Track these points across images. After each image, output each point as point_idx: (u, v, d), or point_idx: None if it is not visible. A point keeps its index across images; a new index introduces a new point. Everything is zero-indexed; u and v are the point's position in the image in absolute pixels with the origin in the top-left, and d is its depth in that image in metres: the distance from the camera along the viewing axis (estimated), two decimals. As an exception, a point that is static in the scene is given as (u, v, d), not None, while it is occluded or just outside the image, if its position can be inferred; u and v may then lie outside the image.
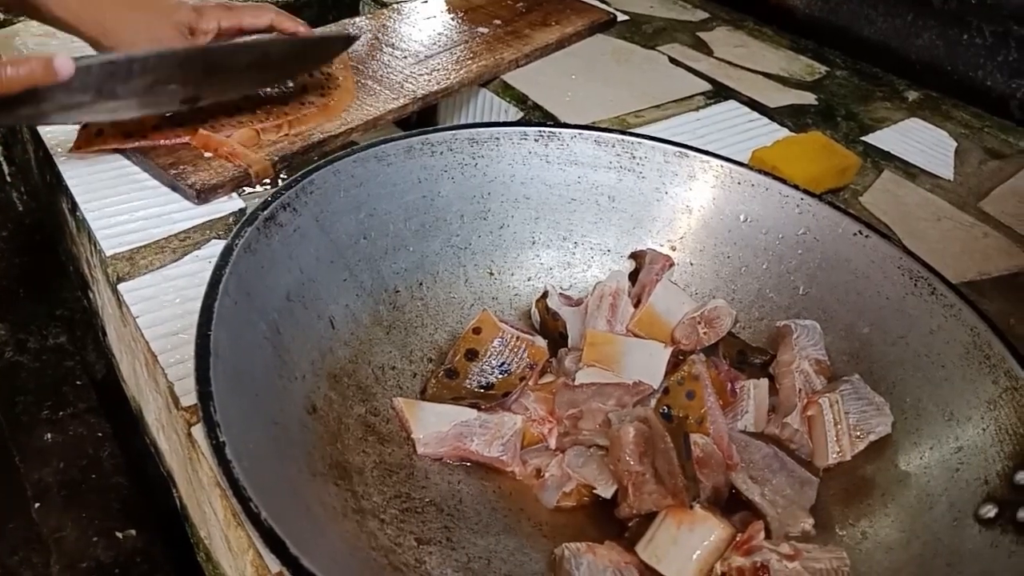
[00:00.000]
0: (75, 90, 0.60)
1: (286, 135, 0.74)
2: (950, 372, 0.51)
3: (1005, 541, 0.43)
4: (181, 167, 0.69)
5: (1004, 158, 0.88)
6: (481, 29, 0.99)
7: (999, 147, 0.90)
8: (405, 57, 0.90)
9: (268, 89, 0.75)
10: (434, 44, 0.94)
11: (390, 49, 0.92)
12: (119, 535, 0.82)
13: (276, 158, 0.71)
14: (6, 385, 0.93)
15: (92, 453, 0.90)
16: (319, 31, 0.94)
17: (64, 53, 0.58)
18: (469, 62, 0.91)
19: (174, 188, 0.69)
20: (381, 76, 0.85)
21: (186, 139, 0.71)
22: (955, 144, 0.90)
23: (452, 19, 1.01)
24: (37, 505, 0.84)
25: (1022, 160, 0.88)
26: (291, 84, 0.78)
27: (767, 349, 0.58)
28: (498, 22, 1.01)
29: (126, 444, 0.90)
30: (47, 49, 0.88)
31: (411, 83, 0.85)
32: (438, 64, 0.89)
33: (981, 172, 0.86)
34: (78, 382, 0.98)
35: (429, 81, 0.86)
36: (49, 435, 0.91)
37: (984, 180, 0.84)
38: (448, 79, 0.87)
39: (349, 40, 0.79)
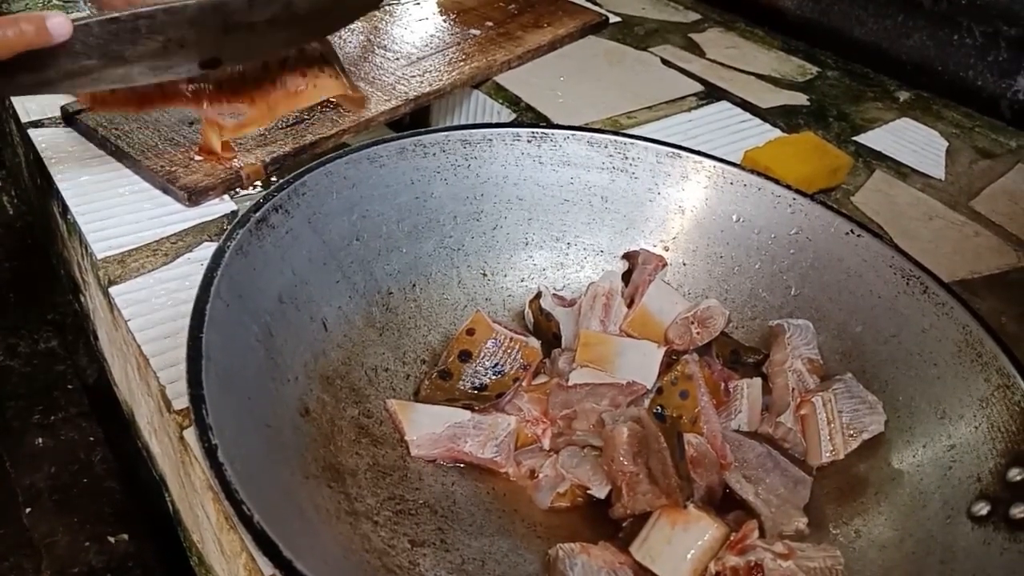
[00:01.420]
0: (78, 54, 0.55)
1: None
2: (942, 370, 0.51)
3: (998, 538, 0.43)
4: (172, 169, 0.69)
5: (995, 157, 0.89)
6: (473, 31, 0.99)
7: (990, 147, 0.91)
8: (397, 59, 0.90)
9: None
10: (426, 46, 0.94)
11: (382, 51, 0.91)
12: (111, 540, 0.82)
13: (267, 159, 0.71)
14: (-3, 390, 0.93)
15: (84, 457, 0.89)
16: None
17: (60, 12, 0.52)
18: (461, 64, 0.91)
19: (165, 191, 0.68)
20: (373, 78, 0.85)
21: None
22: (946, 144, 0.90)
23: (444, 21, 1.01)
24: (28, 510, 0.84)
25: (1012, 159, 0.89)
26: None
27: (760, 348, 0.58)
28: (490, 24, 1.01)
29: (118, 448, 0.90)
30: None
31: (403, 84, 0.85)
32: (430, 66, 0.89)
33: (972, 171, 0.86)
34: (69, 386, 0.98)
35: (421, 83, 0.86)
36: (40, 440, 0.91)
37: (975, 179, 0.85)
38: (440, 80, 0.87)
39: None
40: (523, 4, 1.07)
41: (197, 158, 0.70)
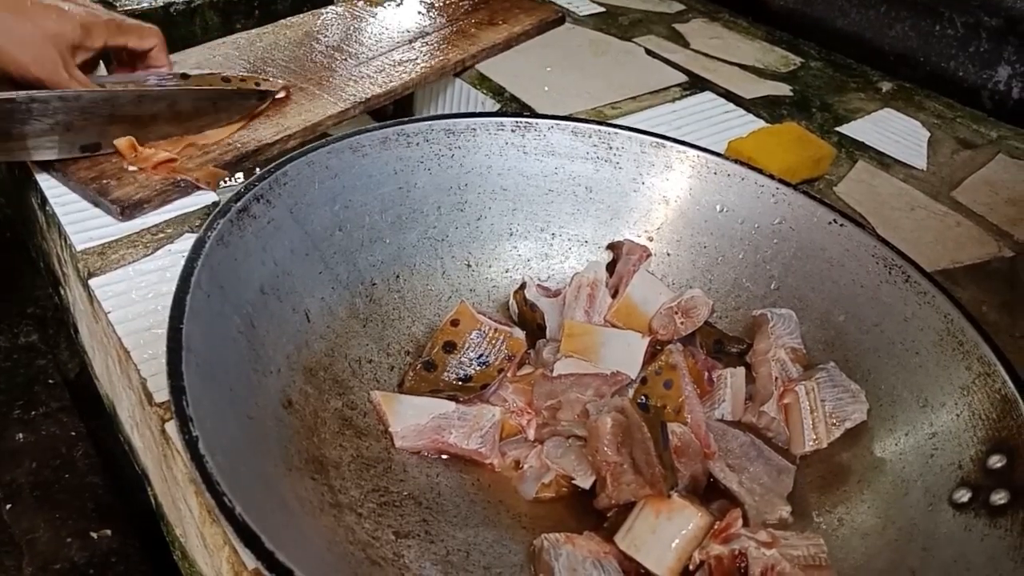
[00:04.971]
0: None
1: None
2: (924, 359, 0.51)
3: (979, 525, 0.43)
4: (104, 181, 0.65)
5: (976, 148, 0.89)
6: (426, 29, 0.96)
7: (971, 137, 0.91)
8: (346, 59, 0.87)
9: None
10: (377, 44, 0.91)
11: (331, 51, 0.88)
12: (93, 535, 0.81)
13: (217, 166, 0.69)
14: (-24, 385, 0.92)
15: (65, 453, 0.88)
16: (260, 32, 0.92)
17: None
18: (413, 64, 0.88)
19: (96, 204, 0.65)
20: (321, 79, 0.82)
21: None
22: (928, 134, 0.91)
23: (396, 20, 0.98)
24: (9, 506, 0.83)
25: (993, 150, 0.89)
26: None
27: (744, 338, 0.58)
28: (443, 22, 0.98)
29: (100, 443, 0.89)
30: None
31: (353, 86, 0.82)
32: (382, 65, 0.87)
33: (953, 162, 0.86)
34: (50, 381, 0.96)
35: (373, 83, 0.83)
36: (21, 435, 0.90)
37: (956, 170, 0.85)
38: (391, 82, 0.83)
39: (264, 96, 0.76)
40: (477, 0, 1.04)
41: (131, 168, 0.67)
